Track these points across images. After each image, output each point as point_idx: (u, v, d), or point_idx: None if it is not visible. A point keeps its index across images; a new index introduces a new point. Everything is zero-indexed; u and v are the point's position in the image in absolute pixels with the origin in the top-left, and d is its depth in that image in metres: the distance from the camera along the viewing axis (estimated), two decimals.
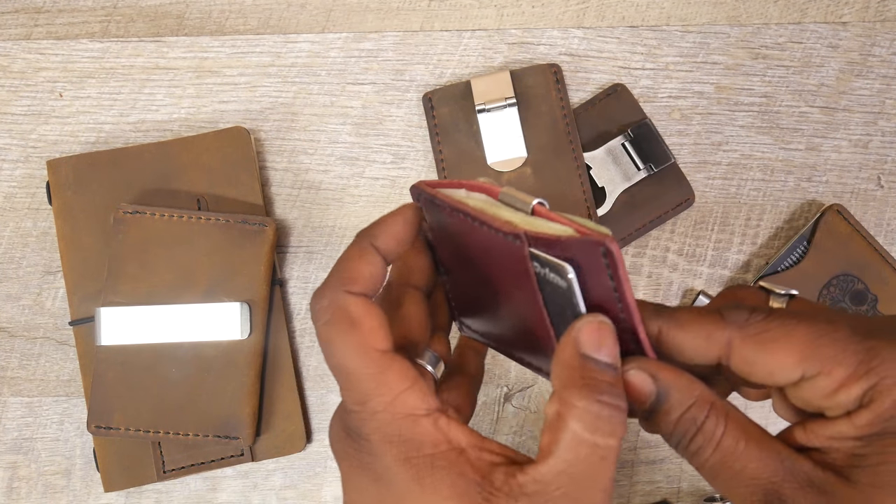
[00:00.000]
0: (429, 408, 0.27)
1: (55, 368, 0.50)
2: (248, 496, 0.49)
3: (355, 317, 0.27)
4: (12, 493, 0.50)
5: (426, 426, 0.26)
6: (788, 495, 0.24)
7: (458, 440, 0.27)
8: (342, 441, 0.28)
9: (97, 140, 0.52)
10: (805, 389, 0.25)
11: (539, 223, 0.26)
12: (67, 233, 0.49)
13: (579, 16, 0.52)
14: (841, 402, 0.25)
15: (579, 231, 0.25)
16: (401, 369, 0.27)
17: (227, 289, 0.47)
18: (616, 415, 0.25)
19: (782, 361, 0.25)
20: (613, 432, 0.25)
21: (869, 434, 0.24)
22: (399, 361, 0.27)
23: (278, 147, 0.52)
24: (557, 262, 0.25)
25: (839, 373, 0.24)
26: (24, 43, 0.53)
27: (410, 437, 0.26)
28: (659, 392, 0.26)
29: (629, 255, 0.51)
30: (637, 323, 0.26)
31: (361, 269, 0.28)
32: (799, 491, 0.24)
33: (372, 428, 0.27)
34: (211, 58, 0.53)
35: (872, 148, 0.51)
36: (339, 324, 0.27)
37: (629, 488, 0.49)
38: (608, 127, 0.51)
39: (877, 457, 0.24)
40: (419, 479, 0.26)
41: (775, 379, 0.26)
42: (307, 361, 0.50)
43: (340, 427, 0.28)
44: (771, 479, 0.24)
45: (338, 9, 0.53)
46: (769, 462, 0.24)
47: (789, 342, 0.25)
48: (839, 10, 0.52)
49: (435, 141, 0.51)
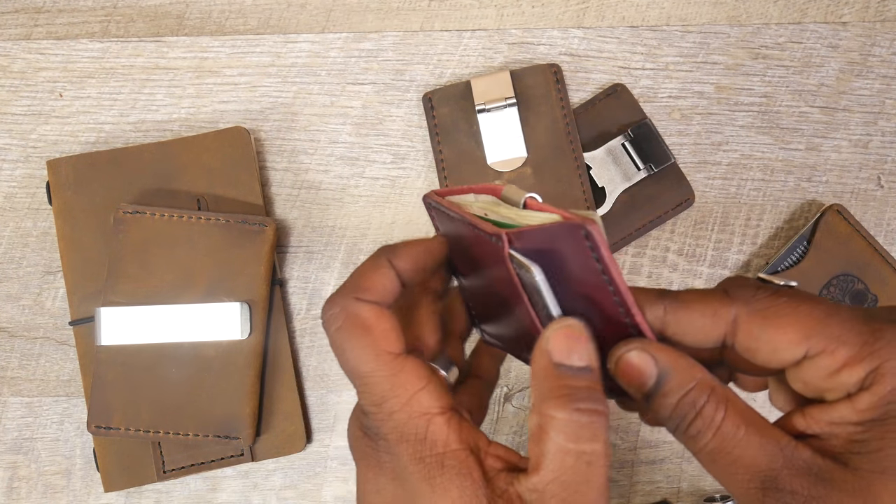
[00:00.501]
0: (443, 406, 0.27)
1: (55, 368, 0.50)
2: (248, 496, 0.49)
3: (366, 321, 0.27)
4: (12, 493, 0.50)
5: (440, 424, 0.27)
6: (786, 482, 0.24)
7: (469, 440, 0.27)
8: (360, 440, 0.29)
9: (97, 140, 0.52)
10: (807, 370, 0.25)
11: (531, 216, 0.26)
12: (67, 233, 0.49)
13: (579, 16, 0.52)
14: (843, 384, 0.24)
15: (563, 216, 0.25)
16: (414, 370, 0.27)
17: (227, 289, 0.47)
18: (596, 420, 0.25)
19: (788, 337, 0.25)
20: (595, 437, 0.25)
21: (870, 419, 0.24)
22: (412, 362, 0.27)
23: (278, 147, 0.52)
24: (525, 261, 0.26)
25: (843, 352, 0.24)
26: (24, 43, 0.53)
27: (425, 437, 0.27)
28: (659, 373, 0.26)
29: (629, 255, 0.51)
30: (630, 304, 0.25)
31: (374, 281, 0.28)
32: (797, 478, 0.24)
33: (389, 428, 0.27)
34: (211, 58, 0.53)
35: (872, 148, 0.51)
36: (350, 329, 0.27)
37: (629, 488, 0.49)
38: (608, 127, 0.51)
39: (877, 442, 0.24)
40: (430, 479, 0.26)
41: (779, 357, 0.25)
42: (307, 361, 0.50)
43: (358, 427, 0.29)
44: (770, 465, 0.24)
45: (338, 9, 0.53)
46: (768, 449, 0.24)
47: (795, 318, 0.25)
48: (839, 10, 0.52)
49: (435, 141, 0.51)
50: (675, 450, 0.49)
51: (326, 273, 0.51)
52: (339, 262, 0.51)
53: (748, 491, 0.24)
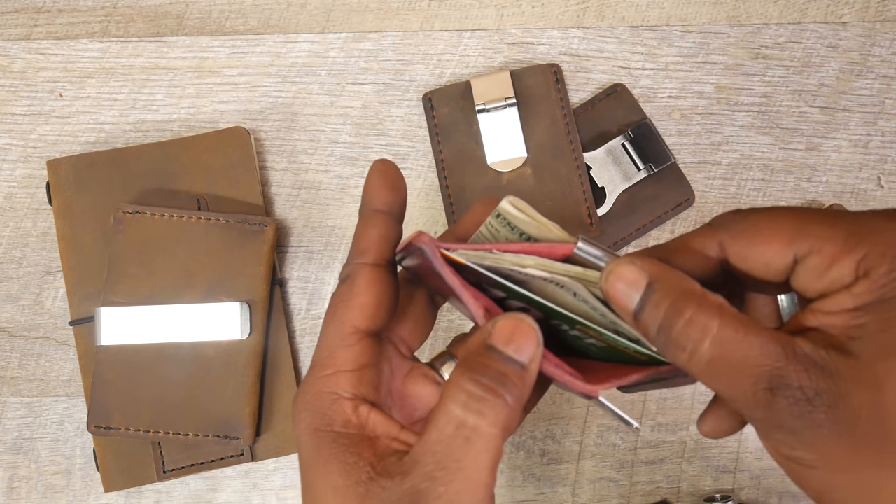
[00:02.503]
0: (356, 394, 0.28)
1: (55, 368, 0.50)
2: (248, 496, 0.49)
3: (355, 289, 0.28)
4: (12, 493, 0.50)
5: (344, 408, 0.27)
6: (794, 378, 0.23)
7: (375, 429, 0.27)
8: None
9: (97, 140, 0.52)
10: (801, 276, 0.25)
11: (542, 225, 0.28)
12: (67, 233, 0.49)
13: (579, 16, 0.52)
14: (836, 278, 0.24)
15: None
16: (355, 352, 0.28)
17: (227, 289, 0.47)
18: (492, 399, 0.25)
19: (773, 248, 0.25)
20: (483, 413, 0.25)
21: (867, 303, 0.23)
22: (362, 345, 0.28)
23: (278, 147, 0.52)
24: None
25: (829, 248, 0.24)
26: (24, 43, 0.53)
27: (326, 412, 0.27)
28: (648, 283, 0.25)
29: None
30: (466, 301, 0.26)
31: (370, 235, 0.29)
32: (804, 374, 0.23)
33: (305, 390, 0.28)
34: (211, 58, 0.53)
35: (872, 148, 0.51)
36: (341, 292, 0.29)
37: (629, 488, 0.49)
38: (608, 127, 0.51)
39: (876, 324, 0.23)
40: (318, 450, 0.27)
41: (773, 269, 0.25)
42: (307, 361, 0.50)
43: None
44: (774, 364, 0.23)
45: (338, 9, 0.53)
46: (771, 347, 0.23)
47: (777, 228, 0.25)
48: (839, 10, 0.52)
49: (435, 141, 0.51)
50: (675, 450, 0.49)
51: (326, 273, 0.51)
52: (339, 262, 0.51)
53: (756, 394, 0.23)
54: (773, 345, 0.23)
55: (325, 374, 0.28)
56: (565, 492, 0.49)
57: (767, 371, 0.23)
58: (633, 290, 0.25)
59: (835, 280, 0.24)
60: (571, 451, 0.49)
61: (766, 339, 0.23)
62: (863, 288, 0.23)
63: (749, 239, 0.25)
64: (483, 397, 0.25)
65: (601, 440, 0.49)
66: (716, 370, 0.24)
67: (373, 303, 0.28)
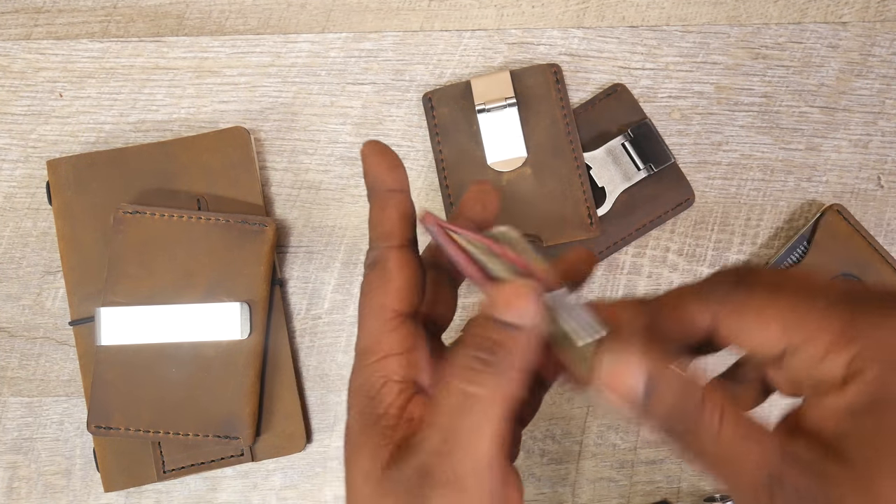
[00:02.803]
0: (405, 376, 0.28)
1: (55, 368, 0.50)
2: (248, 496, 0.49)
3: (388, 273, 0.28)
4: (12, 493, 0.50)
5: (392, 390, 0.28)
6: (791, 481, 0.23)
7: (413, 413, 0.27)
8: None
9: (97, 140, 0.52)
10: (793, 362, 0.25)
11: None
12: (67, 233, 0.49)
13: (579, 16, 0.52)
14: (827, 373, 0.24)
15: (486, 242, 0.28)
16: (401, 336, 0.28)
17: (227, 289, 0.47)
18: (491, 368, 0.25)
19: (766, 334, 0.25)
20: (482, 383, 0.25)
21: (858, 404, 0.23)
22: (405, 327, 0.28)
23: (278, 147, 0.52)
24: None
25: (823, 339, 0.24)
26: (24, 43, 0.53)
27: (375, 395, 0.28)
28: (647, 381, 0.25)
29: (629, 255, 0.51)
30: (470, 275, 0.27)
31: (391, 216, 0.29)
32: (800, 476, 0.23)
33: (355, 377, 0.28)
34: (211, 58, 0.53)
35: (872, 148, 0.51)
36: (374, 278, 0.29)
37: (629, 488, 0.49)
38: (608, 127, 0.51)
39: (868, 427, 0.23)
40: (359, 434, 0.27)
41: (762, 351, 0.25)
42: (307, 361, 0.50)
43: None
44: (774, 465, 0.24)
45: (338, 9, 0.53)
46: (769, 448, 0.24)
47: (773, 317, 0.25)
48: (839, 10, 0.52)
49: (435, 141, 0.51)
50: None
51: (326, 273, 0.51)
52: (339, 262, 0.51)
53: (756, 493, 0.24)
54: (772, 446, 0.24)
55: (374, 360, 0.28)
56: (565, 492, 0.49)
57: (767, 472, 0.24)
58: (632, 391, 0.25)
59: (826, 374, 0.24)
60: (571, 451, 0.49)
61: (766, 440, 0.24)
62: (854, 389, 0.24)
63: (743, 319, 0.26)
64: (481, 369, 0.25)
65: (601, 440, 0.49)
66: (717, 466, 0.25)
67: (407, 285, 0.28)
